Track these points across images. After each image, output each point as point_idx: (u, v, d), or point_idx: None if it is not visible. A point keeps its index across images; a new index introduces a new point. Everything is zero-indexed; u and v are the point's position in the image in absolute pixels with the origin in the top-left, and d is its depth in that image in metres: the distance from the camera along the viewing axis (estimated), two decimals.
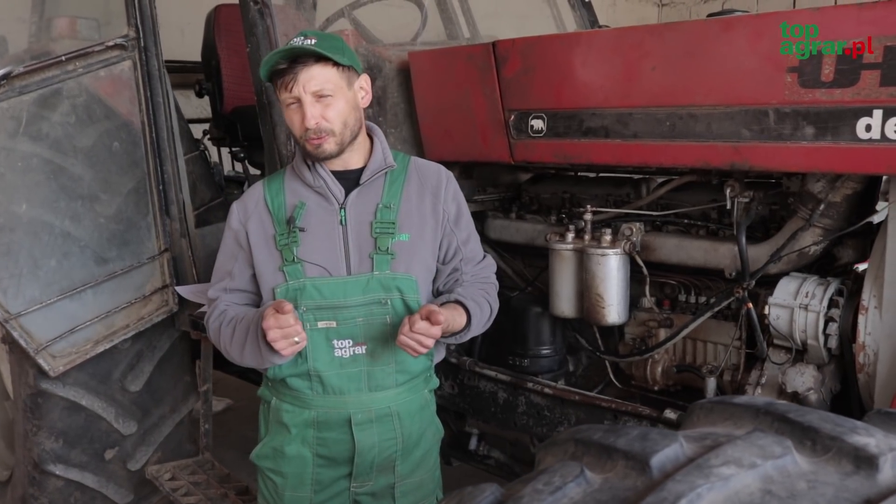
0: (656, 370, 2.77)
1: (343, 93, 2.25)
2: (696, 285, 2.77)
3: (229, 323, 2.34)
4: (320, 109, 2.21)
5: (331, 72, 2.22)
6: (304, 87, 2.19)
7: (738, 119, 2.27)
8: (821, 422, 1.30)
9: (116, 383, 3.52)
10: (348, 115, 2.27)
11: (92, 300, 3.28)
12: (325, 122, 2.22)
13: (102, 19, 3.66)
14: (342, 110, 2.25)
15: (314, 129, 2.21)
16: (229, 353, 2.36)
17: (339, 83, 2.24)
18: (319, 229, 2.31)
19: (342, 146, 2.27)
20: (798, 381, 2.32)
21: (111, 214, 3.32)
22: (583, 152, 2.67)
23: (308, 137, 2.23)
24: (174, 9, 5.86)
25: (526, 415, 2.96)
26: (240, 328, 2.29)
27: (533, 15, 5.10)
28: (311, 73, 2.19)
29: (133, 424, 3.57)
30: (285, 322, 2.11)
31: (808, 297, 2.31)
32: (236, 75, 4.38)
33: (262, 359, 2.23)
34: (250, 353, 2.26)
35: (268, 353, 2.19)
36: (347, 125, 2.27)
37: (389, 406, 2.35)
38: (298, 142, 2.29)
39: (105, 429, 3.51)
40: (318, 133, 2.22)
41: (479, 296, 2.42)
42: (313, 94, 2.20)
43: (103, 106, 3.32)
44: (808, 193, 2.36)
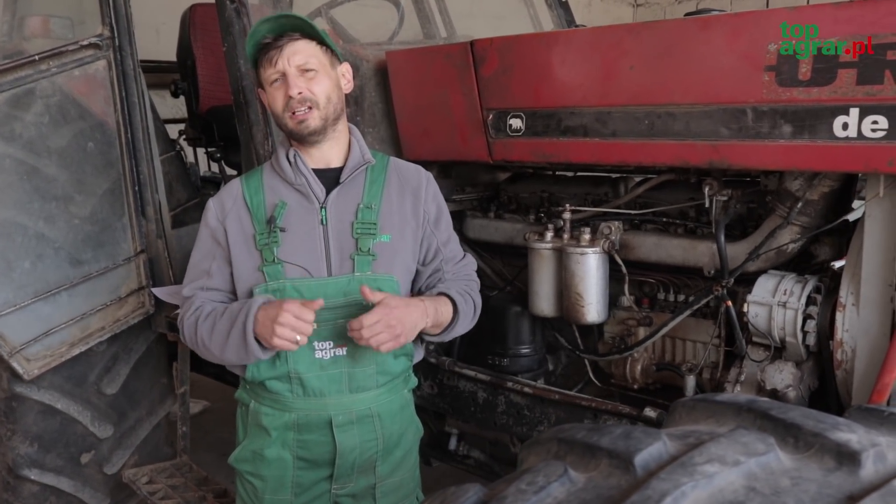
0: (636, 369, 2.78)
1: (327, 70, 2.26)
2: (675, 283, 2.78)
3: (208, 317, 2.29)
4: (304, 82, 2.21)
5: (315, 48, 2.23)
6: (289, 61, 2.19)
7: (717, 118, 2.28)
8: (803, 418, 1.31)
9: (92, 386, 3.48)
10: (332, 91, 2.26)
11: (67, 302, 3.24)
12: (310, 93, 2.21)
13: (76, 18, 3.62)
14: (326, 86, 2.25)
15: (298, 98, 2.20)
16: (207, 348, 2.30)
17: (322, 60, 2.25)
18: (300, 229, 2.28)
19: (326, 122, 2.26)
20: (777, 378, 2.33)
21: (86, 216, 3.28)
22: (561, 151, 2.67)
23: (292, 108, 2.21)
24: (149, 8, 5.81)
25: (506, 414, 2.96)
26: (222, 321, 2.24)
27: (510, 15, 5.10)
28: (296, 48, 2.20)
29: (109, 428, 3.53)
30: (306, 314, 2.09)
31: (786, 294, 2.33)
32: (212, 75, 4.34)
33: (246, 352, 2.18)
34: (234, 346, 2.20)
35: (254, 346, 2.15)
36: (331, 101, 2.26)
37: (370, 407, 2.33)
38: (280, 121, 2.27)
39: (81, 432, 3.47)
40: (303, 103, 2.20)
41: (464, 290, 2.42)
42: (298, 68, 2.20)
43: (77, 106, 3.28)
44: (786, 191, 2.37)
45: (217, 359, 2.32)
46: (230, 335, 2.20)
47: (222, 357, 2.29)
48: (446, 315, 2.32)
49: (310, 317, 2.09)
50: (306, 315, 2.09)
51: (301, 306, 2.10)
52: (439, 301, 2.32)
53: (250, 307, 2.17)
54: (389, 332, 2.12)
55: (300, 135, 2.26)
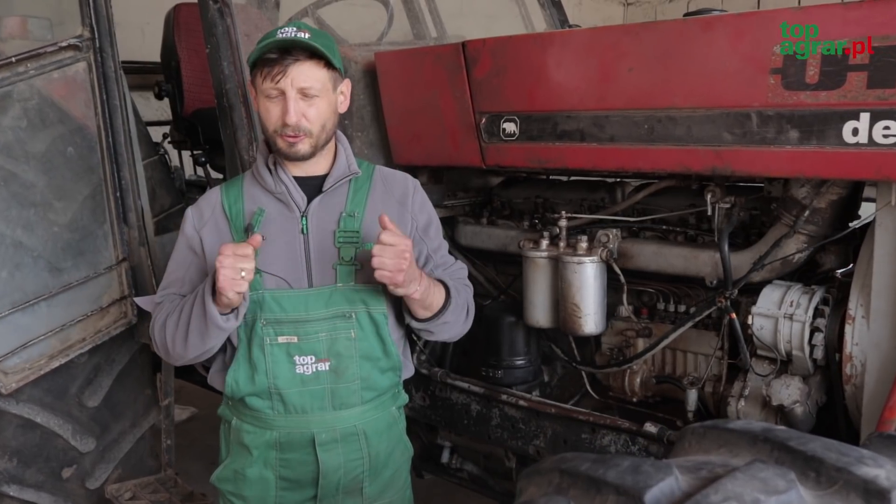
0: (635, 381, 2.69)
1: (327, 95, 2.16)
2: (674, 293, 2.69)
3: (174, 312, 2.21)
4: (303, 107, 2.11)
5: (321, 72, 2.12)
6: (293, 82, 2.08)
7: (720, 122, 2.20)
8: (825, 451, 1.22)
9: (73, 399, 3.37)
10: (328, 118, 2.17)
11: (46, 313, 3.13)
12: (306, 121, 2.11)
13: (55, 19, 3.53)
14: (323, 112, 2.15)
15: (293, 126, 2.10)
16: (174, 344, 2.20)
17: (326, 84, 2.14)
18: (279, 238, 2.20)
19: (315, 149, 2.17)
20: (783, 393, 2.24)
21: (66, 223, 3.18)
22: (557, 156, 2.59)
23: (284, 133, 2.12)
24: (134, 8, 5.73)
25: (500, 427, 2.87)
26: (186, 306, 2.16)
27: (500, 14, 5.03)
28: (302, 70, 2.09)
29: (91, 441, 3.43)
30: (243, 248, 2.00)
31: (792, 306, 2.24)
32: (197, 76, 4.24)
33: (206, 322, 2.08)
34: (196, 321, 2.11)
35: (212, 310, 2.05)
36: (325, 129, 2.17)
37: (355, 425, 2.25)
38: (270, 137, 2.17)
39: (62, 446, 3.36)
40: (296, 131, 2.11)
41: (458, 286, 2.33)
42: (299, 91, 2.10)
43: (57, 109, 3.18)
44: (792, 199, 2.29)
45: (183, 351, 2.21)
46: (193, 312, 2.13)
47: (187, 345, 2.17)
48: (438, 298, 2.22)
49: (247, 250, 2.00)
50: (243, 248, 2.01)
51: (237, 243, 2.04)
52: (433, 281, 2.22)
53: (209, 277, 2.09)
54: (397, 262, 2.02)
55: (286, 156, 2.18)
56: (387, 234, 2.02)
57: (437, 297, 2.21)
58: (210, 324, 2.09)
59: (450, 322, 2.27)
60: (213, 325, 2.09)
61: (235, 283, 1.99)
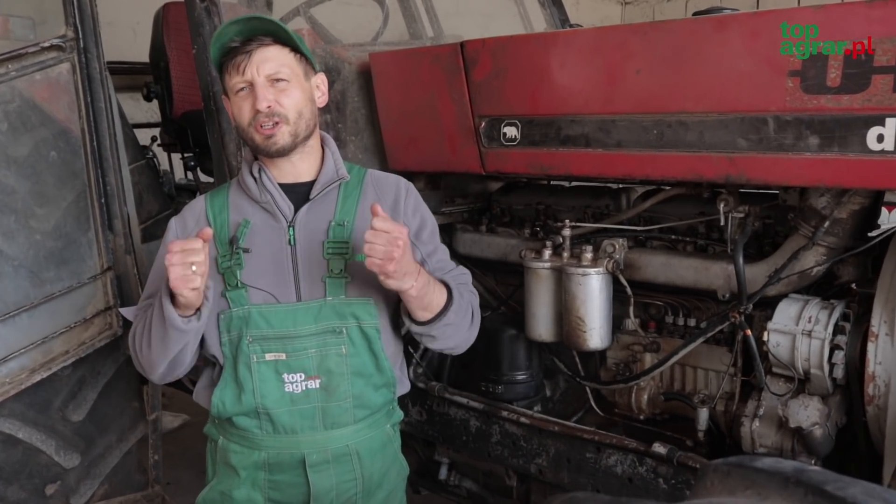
0: (642, 398, 2.57)
1: (299, 81, 2.05)
2: (684, 306, 2.57)
3: (141, 321, 2.12)
4: (274, 94, 2.00)
5: (288, 56, 2.03)
6: (259, 69, 1.98)
7: (734, 127, 2.08)
8: (867, 497, 1.09)
9: (57, 413, 3.25)
10: (304, 105, 2.06)
11: (27, 325, 3.01)
12: (280, 107, 2.00)
13: (38, 18, 3.40)
14: (298, 99, 2.04)
15: (266, 112, 1.99)
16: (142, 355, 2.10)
17: (295, 69, 2.04)
18: (265, 250, 2.09)
19: (296, 138, 2.05)
20: (802, 414, 2.12)
21: (48, 230, 3.06)
22: (561, 162, 2.47)
23: (259, 122, 2.00)
24: (125, 6, 5.61)
25: (500, 445, 2.75)
26: (149, 314, 2.06)
27: (498, 13, 4.92)
28: (267, 54, 1.99)
29: (76, 457, 3.30)
30: (191, 243, 1.87)
31: (811, 322, 2.12)
32: (186, 78, 4.13)
33: (164, 326, 1.96)
34: (157, 328, 2.00)
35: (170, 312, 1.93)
36: (302, 116, 2.05)
37: (347, 444, 2.14)
38: (245, 134, 2.06)
39: (45, 462, 3.24)
40: (271, 117, 2.00)
41: (462, 289, 2.19)
42: (267, 78, 1.99)
43: (39, 112, 3.06)
44: (811, 209, 2.17)
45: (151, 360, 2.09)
46: (154, 318, 2.02)
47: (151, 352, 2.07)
48: (438, 298, 2.07)
49: (195, 244, 1.86)
50: (191, 243, 1.87)
51: (185, 239, 1.91)
52: (433, 279, 2.08)
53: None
54: (389, 249, 1.88)
55: (266, 151, 2.06)
56: (379, 221, 1.89)
57: (437, 296, 2.07)
58: (169, 326, 1.96)
59: (453, 324, 2.12)
60: (173, 327, 1.96)
61: (187, 279, 1.86)
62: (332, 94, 2.61)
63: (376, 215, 1.91)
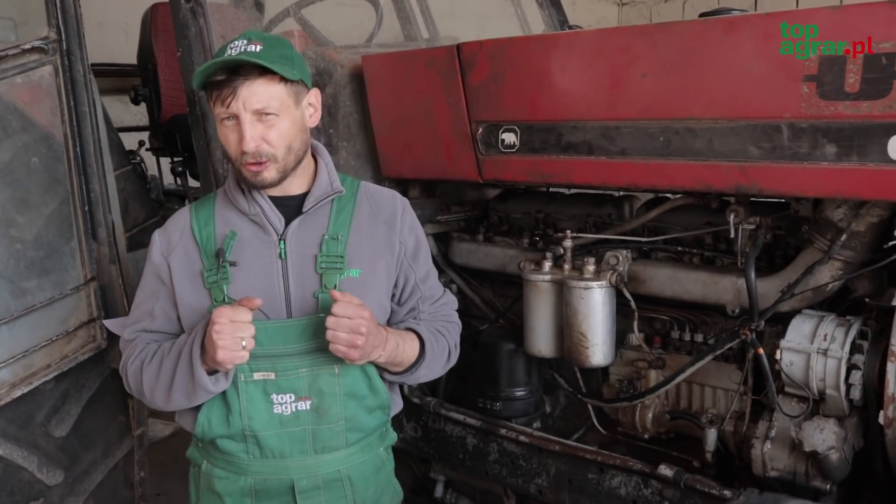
0: (647, 416, 2.47)
1: (289, 112, 1.93)
2: (690, 321, 2.46)
3: (154, 357, 2.01)
4: (261, 130, 1.89)
5: (277, 88, 1.89)
6: (245, 105, 1.86)
7: (745, 135, 1.98)
8: None
9: (39, 428, 3.13)
10: (293, 137, 1.95)
11: (7, 337, 2.89)
12: (267, 145, 1.90)
13: (19, 18, 3.31)
14: (287, 132, 1.92)
15: (253, 152, 1.88)
16: (154, 395, 2.02)
17: (285, 101, 1.91)
18: (254, 263, 1.99)
19: (285, 173, 1.96)
20: (818, 438, 2.01)
21: (29, 239, 2.95)
22: (562, 170, 2.37)
23: (245, 162, 1.90)
24: (116, 7, 5.49)
25: (498, 463, 2.65)
26: (169, 356, 1.96)
27: (494, 14, 4.82)
28: (254, 89, 1.86)
29: (59, 473, 3.19)
30: (241, 314, 1.80)
31: (826, 340, 2.01)
32: (175, 80, 4.03)
33: (193, 386, 1.89)
34: (180, 381, 1.91)
35: (202, 376, 1.86)
36: (292, 150, 1.95)
37: (339, 469, 2.04)
38: (234, 164, 1.96)
39: (27, 479, 3.12)
40: (258, 157, 1.89)
41: (438, 332, 2.12)
42: (254, 113, 1.87)
43: (20, 116, 2.95)
44: (827, 221, 2.06)
45: (165, 405, 2.02)
46: (177, 370, 1.92)
47: (169, 400, 1.98)
48: (409, 354, 2.02)
49: (246, 316, 1.82)
50: (241, 314, 1.81)
51: (233, 308, 1.83)
52: (405, 337, 2.02)
53: (196, 332, 1.90)
54: (351, 337, 1.82)
55: (254, 186, 1.97)
56: (339, 307, 1.83)
57: (408, 353, 2.02)
58: (198, 387, 1.90)
59: (424, 375, 2.10)
60: (202, 388, 1.90)
61: (237, 356, 1.81)
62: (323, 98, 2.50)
63: (335, 299, 1.85)
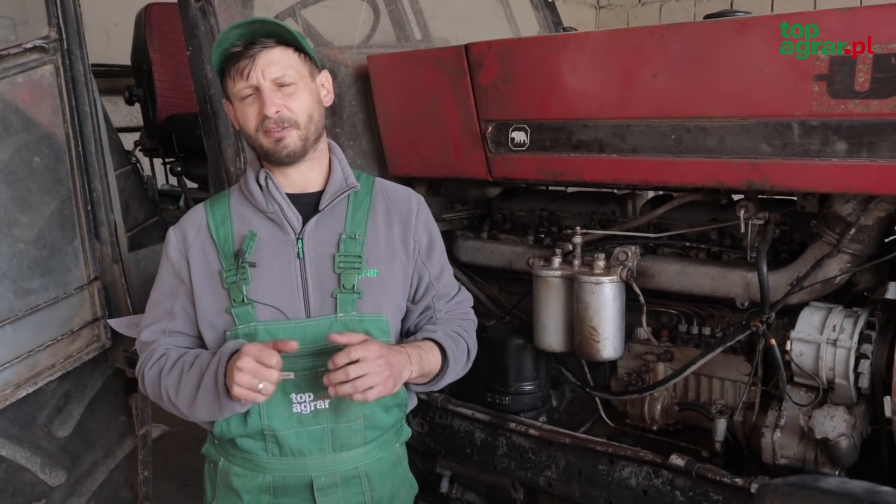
0: (655, 408, 2.51)
1: (307, 83, 1.98)
2: (698, 314, 2.51)
3: (174, 367, 2.00)
4: (282, 98, 1.92)
5: (293, 58, 1.94)
6: (264, 73, 1.90)
7: (757, 133, 2.03)
8: None
9: (42, 428, 3.13)
10: (313, 108, 1.98)
11: (11, 338, 2.89)
12: (288, 111, 1.93)
13: (19, 18, 3.30)
14: (307, 102, 1.96)
15: (275, 118, 1.91)
16: (174, 403, 2.01)
17: (302, 71, 1.96)
18: (273, 264, 2.00)
19: (307, 142, 1.98)
20: (828, 425, 2.07)
21: (32, 239, 2.95)
22: (572, 168, 2.41)
23: (267, 128, 1.92)
24: (98, 8, 5.46)
25: (507, 457, 2.68)
26: (191, 372, 1.96)
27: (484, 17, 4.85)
28: (272, 57, 1.91)
29: (62, 474, 3.19)
30: (268, 357, 1.79)
31: (835, 330, 2.07)
32: (170, 80, 4.04)
33: (219, 407, 1.90)
34: (205, 400, 1.92)
35: (227, 400, 1.87)
36: (312, 119, 1.98)
37: (357, 467, 2.06)
38: (253, 140, 1.98)
39: (29, 480, 3.12)
40: (280, 123, 1.92)
41: (456, 333, 2.14)
42: (274, 82, 1.91)
43: (21, 116, 2.95)
44: (835, 216, 2.12)
45: (185, 415, 2.03)
46: (200, 388, 1.92)
47: (191, 413, 1.99)
48: (434, 363, 2.05)
49: (272, 360, 1.80)
50: (268, 358, 1.80)
51: (263, 348, 1.82)
52: (425, 347, 2.04)
53: (222, 355, 1.90)
54: (381, 372, 1.83)
55: (277, 156, 1.97)
56: (356, 350, 1.82)
57: (432, 363, 2.05)
58: (224, 409, 1.92)
59: (449, 380, 2.14)
60: (228, 409, 1.93)
61: (249, 395, 1.81)
62: None
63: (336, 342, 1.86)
